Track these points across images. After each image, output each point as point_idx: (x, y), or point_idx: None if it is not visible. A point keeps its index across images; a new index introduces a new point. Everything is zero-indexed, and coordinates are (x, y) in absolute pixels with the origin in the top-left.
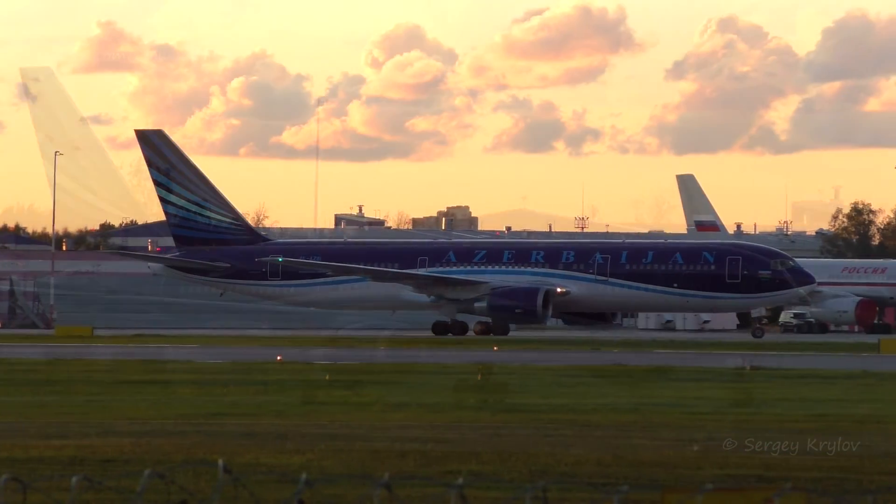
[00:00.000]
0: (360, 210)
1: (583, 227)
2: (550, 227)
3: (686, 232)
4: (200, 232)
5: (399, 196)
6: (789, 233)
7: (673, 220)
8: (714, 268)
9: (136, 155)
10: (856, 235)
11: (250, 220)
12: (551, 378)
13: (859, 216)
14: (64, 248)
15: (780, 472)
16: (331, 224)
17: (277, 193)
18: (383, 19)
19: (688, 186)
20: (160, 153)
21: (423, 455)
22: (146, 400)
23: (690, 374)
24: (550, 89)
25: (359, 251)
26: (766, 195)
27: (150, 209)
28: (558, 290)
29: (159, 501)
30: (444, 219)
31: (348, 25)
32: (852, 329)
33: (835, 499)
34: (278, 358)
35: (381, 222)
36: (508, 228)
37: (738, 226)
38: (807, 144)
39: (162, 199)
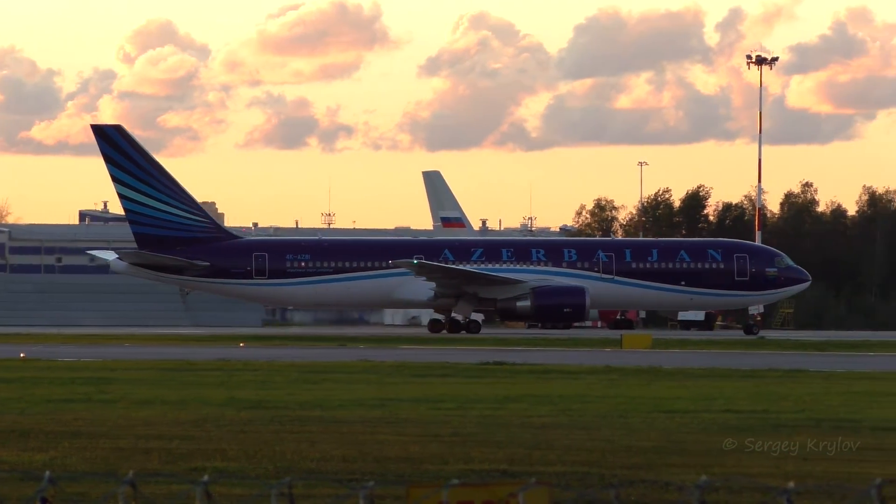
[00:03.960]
0: (105, 206)
1: (329, 224)
2: (297, 222)
3: (432, 228)
4: (168, 230)
5: None
6: (533, 228)
7: (421, 217)
8: (723, 266)
9: None
10: (599, 231)
11: None
12: (297, 374)
13: (602, 212)
14: None
15: (524, 466)
16: (75, 220)
17: (24, 189)
18: (135, 14)
19: (434, 183)
20: (119, 149)
21: (168, 452)
22: None
23: (437, 369)
24: (305, 85)
25: (351, 248)
26: (515, 191)
27: None
28: None
29: None
30: None
31: (99, 20)
32: (595, 325)
33: (578, 493)
34: (21, 355)
35: (125, 218)
36: (255, 225)
37: (484, 222)
38: (557, 141)
39: (122, 197)
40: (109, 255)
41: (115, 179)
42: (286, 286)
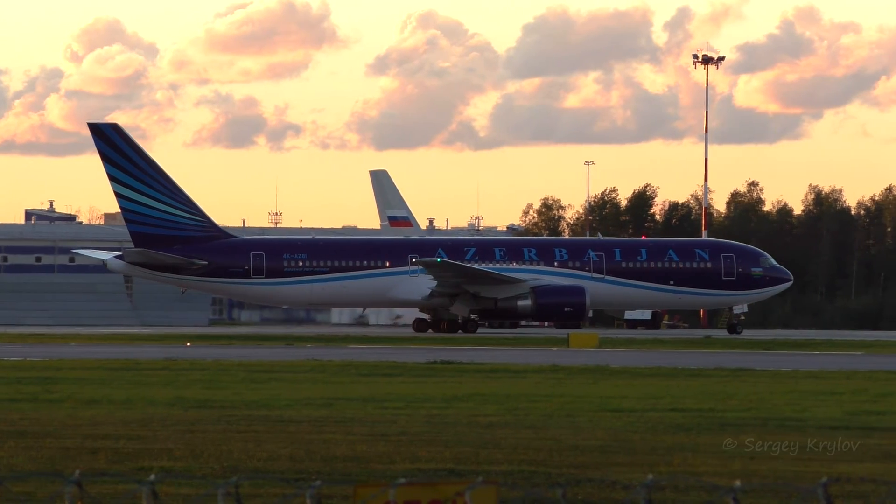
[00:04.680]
0: (52, 205)
1: (276, 223)
2: (244, 221)
3: (380, 227)
4: (164, 229)
5: (95, 191)
6: (480, 228)
7: (368, 216)
8: (710, 265)
9: None
10: (546, 231)
11: None
12: (244, 373)
13: (549, 211)
14: None
15: (471, 465)
16: (20, 219)
17: None
18: (82, 13)
19: (381, 182)
20: (116, 147)
21: (114, 452)
22: None
23: (384, 369)
24: (253, 84)
25: (348, 247)
26: (462, 191)
27: None
28: None
29: None
30: None
31: (46, 18)
32: (542, 324)
33: (525, 492)
34: None
35: (72, 217)
36: None
37: (431, 221)
38: (506, 140)
39: (118, 195)
40: (103, 255)
41: (111, 178)
42: (283, 285)
